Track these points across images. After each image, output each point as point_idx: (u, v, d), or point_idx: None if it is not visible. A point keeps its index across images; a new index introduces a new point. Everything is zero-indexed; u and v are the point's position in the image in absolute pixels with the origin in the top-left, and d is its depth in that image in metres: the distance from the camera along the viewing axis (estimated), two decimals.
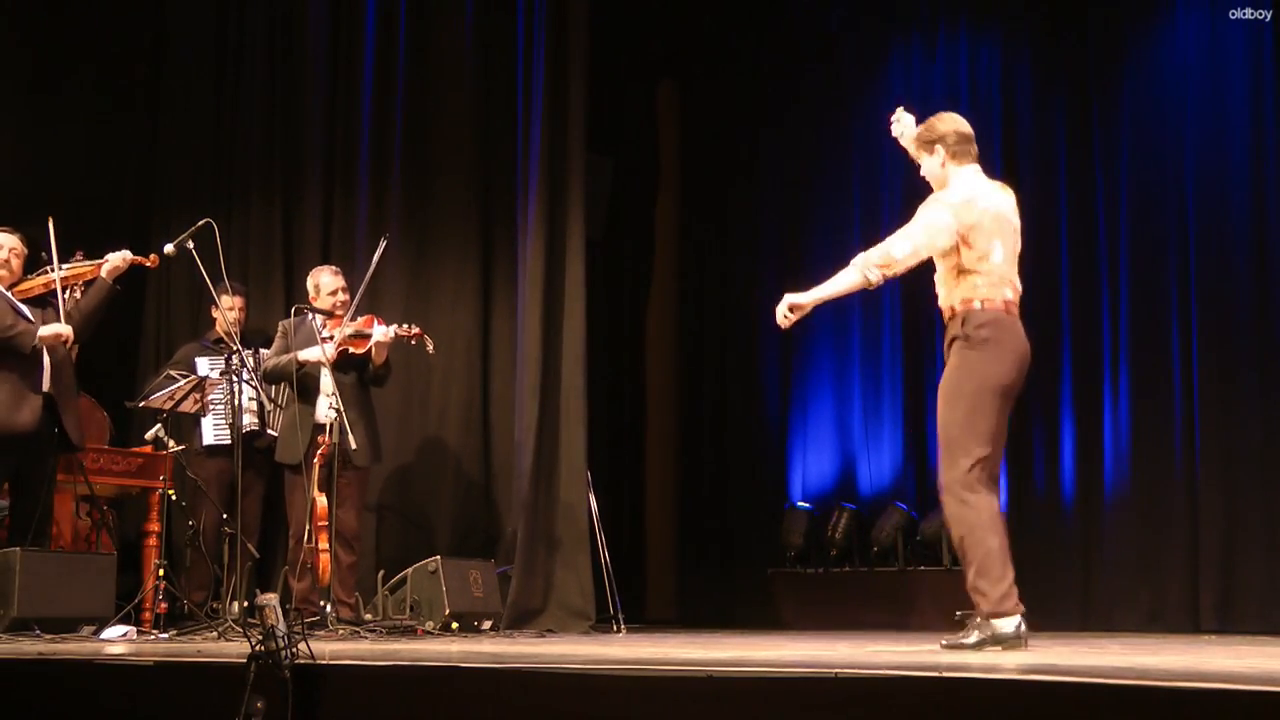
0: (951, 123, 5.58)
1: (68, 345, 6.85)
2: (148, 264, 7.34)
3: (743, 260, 11.11)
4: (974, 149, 5.56)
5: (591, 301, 8.45)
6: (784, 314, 5.52)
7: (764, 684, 3.72)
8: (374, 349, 7.48)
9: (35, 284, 6.96)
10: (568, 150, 8.32)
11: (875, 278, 5.41)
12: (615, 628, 8.11)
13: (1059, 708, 3.37)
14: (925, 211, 5.45)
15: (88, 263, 7.08)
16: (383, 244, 7.51)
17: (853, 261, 5.42)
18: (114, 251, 7.07)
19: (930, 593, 9.45)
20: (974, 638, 5.19)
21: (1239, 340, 8.67)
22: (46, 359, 6.75)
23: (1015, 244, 5.51)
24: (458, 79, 9.13)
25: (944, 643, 5.30)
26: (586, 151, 8.50)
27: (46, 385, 6.74)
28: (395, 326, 7.53)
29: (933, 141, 5.57)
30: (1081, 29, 9.51)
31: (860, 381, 10.40)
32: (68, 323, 6.81)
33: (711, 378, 11.16)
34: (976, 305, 5.34)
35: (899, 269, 5.44)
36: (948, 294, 5.44)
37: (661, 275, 11.33)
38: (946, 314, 5.46)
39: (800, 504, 10.31)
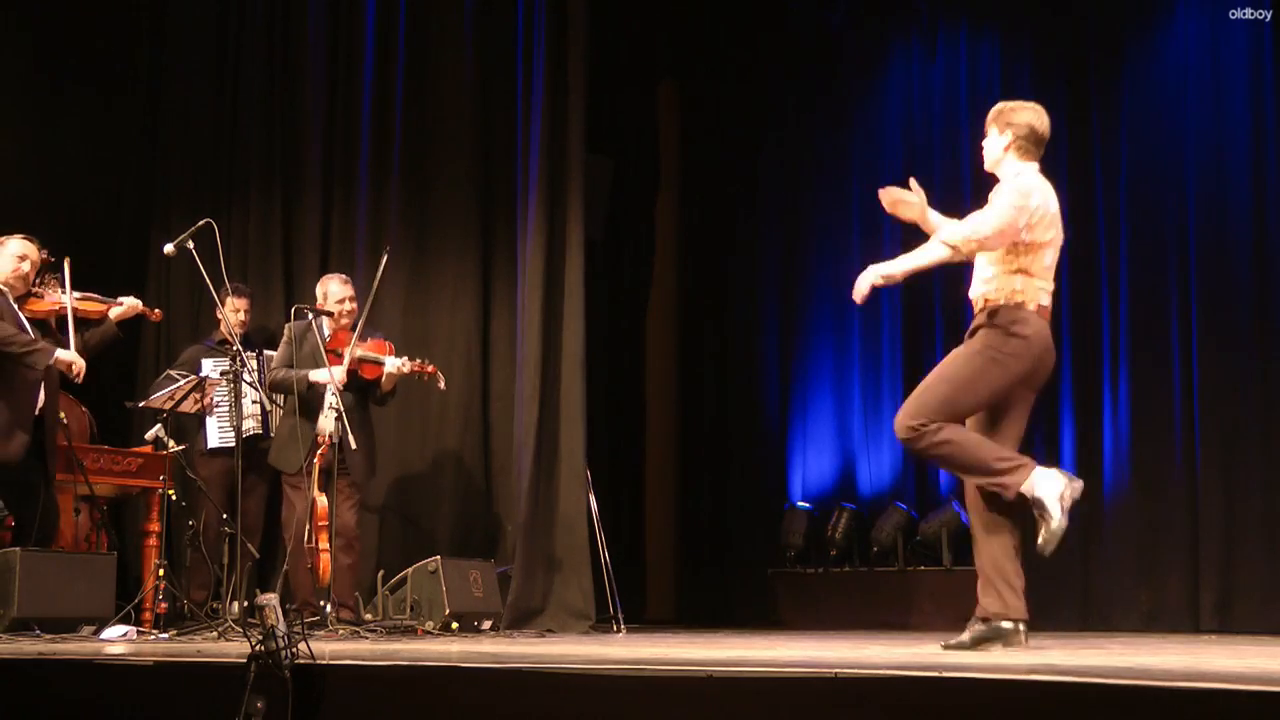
0: (1033, 116, 5.56)
1: (77, 378, 6.87)
2: (152, 317, 7.48)
3: (743, 260, 11.11)
4: (1041, 151, 5.56)
5: (591, 301, 8.45)
6: (866, 287, 5.42)
7: (764, 684, 3.72)
8: (385, 378, 7.50)
9: (45, 307, 6.98)
10: (568, 150, 8.31)
11: (967, 250, 5.39)
12: (615, 628, 8.11)
13: (1059, 708, 3.37)
14: (1008, 196, 5.39)
15: (99, 300, 7.15)
16: (385, 257, 7.49)
17: (938, 237, 5.38)
18: (125, 296, 7.26)
19: (930, 593, 9.46)
20: (1052, 514, 5.30)
21: (1239, 340, 8.67)
22: (43, 386, 6.78)
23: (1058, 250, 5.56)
24: (458, 79, 9.12)
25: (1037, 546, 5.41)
26: (586, 151, 8.49)
27: (37, 410, 6.80)
28: (409, 360, 7.53)
29: (1008, 123, 5.55)
30: (1081, 29, 9.51)
31: (860, 381, 10.40)
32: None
33: (711, 378, 11.16)
34: (1015, 303, 5.40)
35: (990, 246, 5.40)
36: (991, 285, 5.46)
37: (661, 275, 11.33)
38: (980, 303, 5.47)
39: (800, 504, 10.31)
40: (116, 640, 6.43)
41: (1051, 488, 5.29)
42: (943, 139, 10.10)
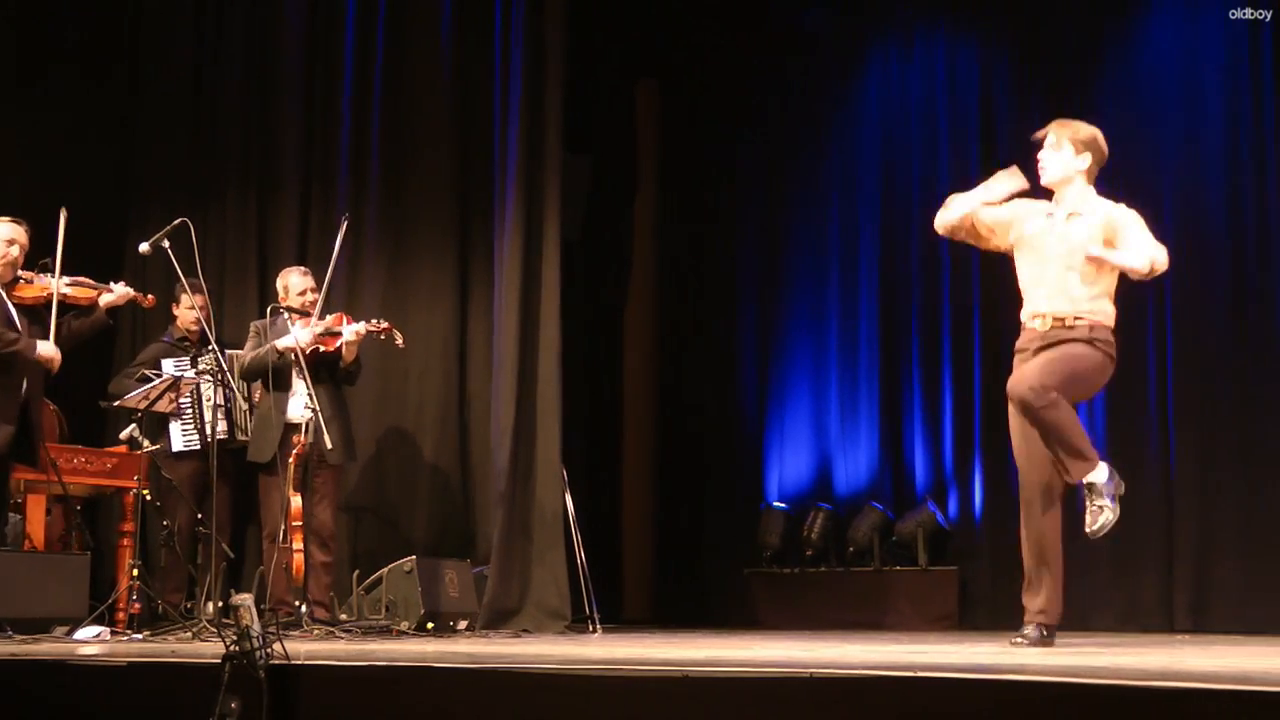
0: (1103, 141, 5.81)
1: (54, 370, 6.82)
2: (145, 304, 7.42)
3: (720, 260, 11.11)
4: None
5: (569, 301, 8.44)
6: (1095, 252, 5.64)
7: (740, 684, 3.72)
8: (344, 347, 7.48)
9: (33, 292, 6.90)
10: (545, 149, 8.30)
11: (1151, 272, 5.69)
12: (591, 628, 8.10)
13: (1033, 708, 3.38)
14: (1137, 222, 5.73)
15: (91, 286, 7.09)
16: (343, 226, 7.49)
17: (1141, 256, 5.63)
18: (116, 283, 7.21)
19: (906, 593, 9.48)
20: (1104, 503, 5.59)
21: (1214, 339, 8.70)
22: (26, 380, 6.73)
23: None
24: (435, 78, 9.11)
25: (1095, 528, 5.64)
26: (564, 151, 8.49)
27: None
28: (364, 323, 7.54)
29: (1086, 146, 5.75)
30: (1059, 30, 9.53)
31: (837, 382, 10.40)
32: (57, 344, 6.79)
33: (689, 378, 11.16)
34: (1108, 326, 5.70)
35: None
36: (1086, 305, 5.66)
37: (639, 275, 11.33)
38: (1068, 320, 5.65)
39: (776, 504, 10.31)
40: (90, 641, 6.40)
41: (1107, 479, 5.60)
42: (921, 140, 10.12)
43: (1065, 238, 5.72)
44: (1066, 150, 5.75)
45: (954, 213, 5.94)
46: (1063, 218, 5.77)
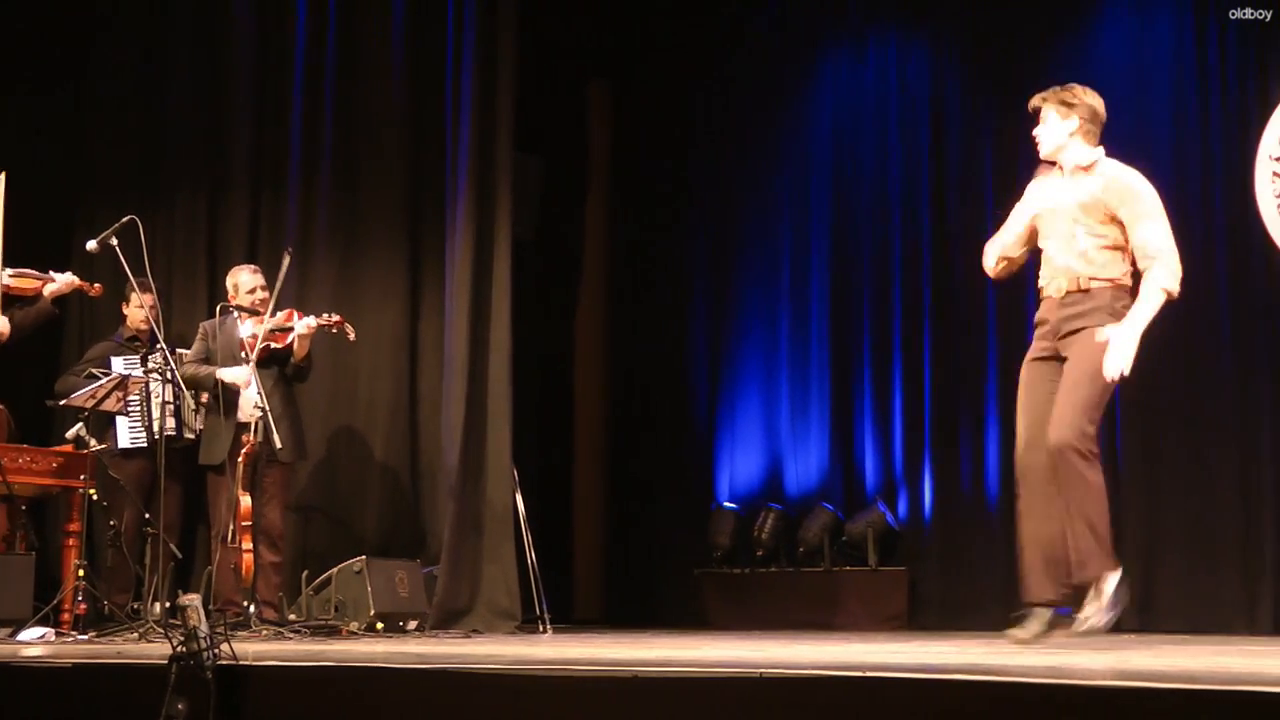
0: (1095, 99, 5.65)
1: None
2: (91, 292, 7.37)
3: (672, 260, 11.12)
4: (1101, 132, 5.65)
5: (520, 302, 8.43)
6: (1123, 368, 5.40)
7: (690, 684, 3.73)
8: (296, 341, 7.46)
9: None
10: (496, 149, 8.29)
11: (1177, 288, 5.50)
12: (542, 628, 8.10)
13: (980, 707, 3.39)
14: (1155, 205, 5.54)
15: (34, 276, 7.04)
16: (286, 259, 7.46)
17: (1153, 288, 5.46)
18: (60, 273, 7.10)
19: (856, 593, 9.51)
20: (1102, 610, 5.40)
21: (1158, 343, 8.74)
22: None
23: None
24: (387, 78, 9.08)
25: (1081, 629, 5.45)
26: (516, 151, 8.48)
27: None
28: (315, 317, 7.52)
29: (1072, 106, 5.61)
30: (1011, 32, 9.58)
31: (788, 382, 10.42)
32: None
33: (639, 378, 11.15)
34: (1128, 286, 5.53)
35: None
36: (1099, 267, 5.52)
37: (590, 276, 11.31)
38: (1086, 279, 5.51)
39: (727, 504, 10.32)
40: (34, 642, 6.35)
41: (1113, 592, 5.47)
42: (873, 141, 10.15)
43: (1071, 190, 5.60)
44: (1050, 119, 5.65)
45: (990, 256, 5.91)
46: (1066, 174, 5.66)
